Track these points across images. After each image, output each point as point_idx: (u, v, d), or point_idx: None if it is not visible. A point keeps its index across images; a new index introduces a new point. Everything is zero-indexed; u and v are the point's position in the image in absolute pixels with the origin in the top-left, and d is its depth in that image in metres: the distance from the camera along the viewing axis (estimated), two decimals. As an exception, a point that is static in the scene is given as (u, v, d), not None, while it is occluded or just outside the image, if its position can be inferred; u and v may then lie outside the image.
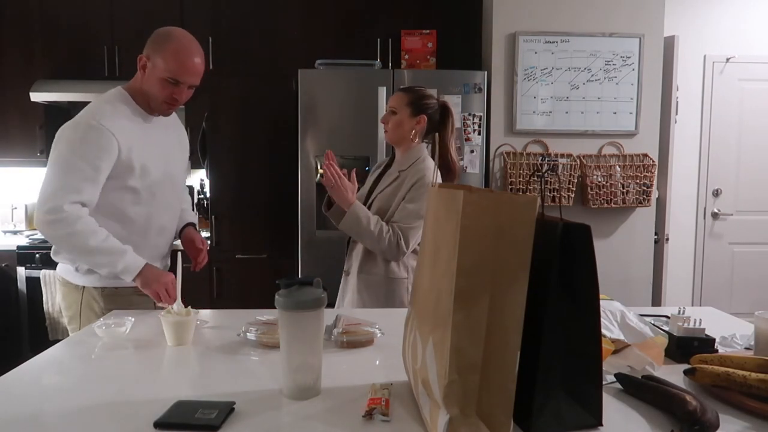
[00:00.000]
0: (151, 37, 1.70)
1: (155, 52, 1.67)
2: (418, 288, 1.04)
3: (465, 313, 0.83)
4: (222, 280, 3.33)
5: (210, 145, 3.30)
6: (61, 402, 1.05)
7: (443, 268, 0.88)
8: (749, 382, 1.03)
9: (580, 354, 0.92)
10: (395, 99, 2.03)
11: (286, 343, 1.07)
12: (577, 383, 0.93)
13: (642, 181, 3.27)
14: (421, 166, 1.98)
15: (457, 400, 0.84)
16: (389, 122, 2.03)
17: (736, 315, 1.69)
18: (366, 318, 1.47)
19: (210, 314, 1.67)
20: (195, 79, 1.72)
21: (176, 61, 1.65)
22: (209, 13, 3.49)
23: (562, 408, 0.92)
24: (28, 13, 3.45)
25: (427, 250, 1.01)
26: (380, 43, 3.45)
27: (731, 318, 1.66)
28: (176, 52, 1.65)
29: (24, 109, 3.43)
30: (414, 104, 2.00)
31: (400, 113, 2.00)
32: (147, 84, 1.71)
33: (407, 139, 2.01)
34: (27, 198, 3.74)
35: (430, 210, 1.04)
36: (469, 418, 0.84)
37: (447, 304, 0.85)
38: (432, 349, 0.89)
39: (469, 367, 0.84)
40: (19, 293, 3.18)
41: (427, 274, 0.97)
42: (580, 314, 0.92)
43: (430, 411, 0.91)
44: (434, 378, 0.87)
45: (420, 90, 2.04)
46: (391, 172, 2.05)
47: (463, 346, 0.83)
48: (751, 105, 3.89)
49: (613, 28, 3.23)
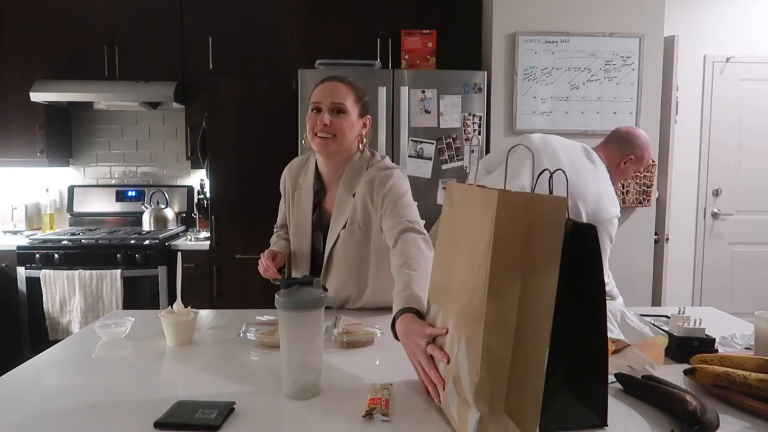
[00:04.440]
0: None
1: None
2: (447, 285, 1.03)
3: (497, 312, 0.85)
4: (222, 280, 3.33)
5: (210, 145, 3.30)
6: (61, 402, 1.05)
7: (476, 267, 0.89)
8: (749, 382, 1.03)
9: (586, 354, 0.93)
10: (340, 92, 1.54)
11: (286, 343, 1.07)
12: (582, 383, 0.93)
13: (642, 181, 3.27)
14: (371, 177, 1.57)
15: (486, 398, 0.85)
16: (334, 124, 1.53)
17: (736, 315, 1.69)
18: (366, 318, 1.47)
19: (210, 314, 1.67)
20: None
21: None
22: (209, 13, 3.49)
23: (567, 408, 0.93)
24: (28, 13, 3.45)
25: (452, 247, 1.01)
26: (380, 43, 3.45)
27: (731, 318, 1.66)
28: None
29: (24, 109, 3.43)
30: (361, 101, 1.60)
31: (349, 111, 1.55)
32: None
33: (352, 149, 1.62)
34: (27, 198, 3.74)
35: (453, 207, 1.04)
36: (498, 416, 0.85)
37: (480, 302, 0.86)
38: (465, 346, 0.90)
39: (499, 365, 0.85)
40: (19, 293, 3.18)
41: (458, 272, 0.97)
42: (586, 314, 0.92)
43: (458, 408, 0.92)
44: (465, 375, 0.89)
45: (356, 83, 1.62)
46: (342, 200, 1.61)
47: (494, 344, 0.85)
48: (751, 105, 3.89)
49: (613, 28, 3.23)
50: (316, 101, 1.56)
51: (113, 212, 3.75)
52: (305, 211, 1.69)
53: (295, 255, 1.75)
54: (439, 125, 3.13)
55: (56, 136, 3.62)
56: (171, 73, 3.48)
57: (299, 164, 1.77)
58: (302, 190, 1.71)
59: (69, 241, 3.22)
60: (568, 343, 0.91)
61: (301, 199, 1.71)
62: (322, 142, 1.55)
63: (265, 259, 1.64)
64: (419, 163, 3.12)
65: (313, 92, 1.59)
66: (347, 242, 1.61)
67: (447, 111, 3.13)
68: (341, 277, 1.65)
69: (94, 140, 3.84)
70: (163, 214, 3.61)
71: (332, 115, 1.54)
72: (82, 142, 3.83)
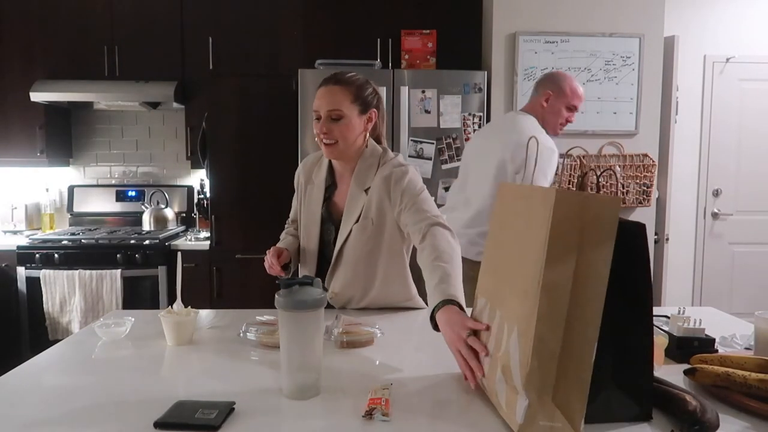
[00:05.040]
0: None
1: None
2: (500, 279, 1.06)
3: (549, 305, 0.88)
4: (222, 280, 3.33)
5: (210, 145, 3.30)
6: (61, 402, 1.05)
7: (530, 262, 0.92)
8: (749, 382, 1.03)
9: (632, 349, 0.96)
10: (335, 97, 1.55)
11: (286, 343, 1.07)
12: (628, 377, 0.96)
13: (642, 181, 3.27)
14: (386, 175, 1.60)
15: (535, 387, 0.89)
16: (333, 131, 1.55)
17: (736, 315, 1.68)
18: (366, 318, 1.47)
19: (210, 314, 1.67)
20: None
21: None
22: (209, 13, 3.50)
23: (613, 400, 0.96)
24: (28, 13, 3.45)
25: (504, 243, 1.06)
26: (380, 43, 3.45)
27: (731, 318, 1.66)
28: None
29: (24, 109, 3.43)
30: (360, 98, 1.58)
31: (347, 115, 1.56)
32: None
33: (360, 146, 1.63)
34: (27, 198, 3.74)
35: (504, 205, 1.10)
36: (546, 405, 0.89)
37: (534, 295, 0.89)
38: (516, 337, 0.93)
39: (549, 356, 0.89)
40: (19, 293, 3.18)
41: (512, 266, 1.00)
42: (633, 310, 0.96)
43: (506, 397, 0.95)
44: (516, 364, 0.92)
45: (355, 77, 1.60)
46: (354, 195, 1.63)
47: (546, 335, 0.88)
48: (751, 105, 3.89)
49: (613, 28, 3.23)
50: (315, 109, 1.59)
51: (113, 212, 3.75)
52: (315, 205, 1.71)
53: (304, 251, 1.75)
54: (439, 125, 3.13)
55: (56, 136, 3.62)
56: (171, 73, 3.48)
57: (314, 159, 1.78)
58: (314, 185, 1.72)
59: (69, 241, 3.22)
60: (616, 338, 0.95)
61: (313, 193, 1.72)
62: (327, 148, 1.59)
63: (270, 256, 1.64)
64: (419, 163, 3.12)
65: (316, 96, 1.60)
66: (359, 237, 1.62)
67: (447, 111, 3.13)
68: (349, 274, 1.65)
69: (94, 140, 3.84)
70: (163, 214, 3.61)
71: (330, 123, 1.55)
72: (82, 142, 3.83)
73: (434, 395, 1.09)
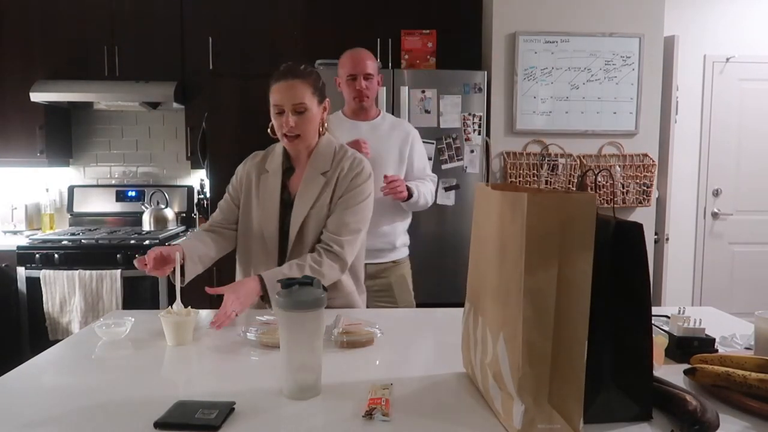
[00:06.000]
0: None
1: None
2: (480, 285, 1.07)
3: (534, 308, 0.88)
4: (222, 280, 3.32)
5: (210, 145, 3.30)
6: (61, 402, 1.05)
7: (510, 267, 0.91)
8: (749, 382, 1.03)
9: (632, 349, 0.96)
10: (297, 91, 1.58)
11: (286, 343, 1.07)
12: (628, 377, 0.96)
13: (642, 181, 3.27)
14: (350, 163, 1.66)
15: (530, 391, 0.88)
16: (299, 125, 1.60)
17: (736, 315, 1.68)
18: (366, 318, 1.47)
19: (210, 314, 1.67)
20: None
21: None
22: (209, 13, 3.49)
23: (613, 400, 0.95)
24: (28, 13, 3.45)
25: (485, 248, 1.04)
26: (380, 43, 3.45)
27: (731, 318, 1.66)
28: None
29: (24, 109, 3.43)
30: (318, 90, 1.63)
31: (309, 108, 1.61)
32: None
33: (318, 134, 1.69)
34: (27, 198, 3.74)
35: (481, 209, 1.08)
36: (543, 408, 0.89)
37: (516, 301, 0.89)
38: (504, 343, 0.93)
39: (541, 359, 0.88)
40: (19, 293, 3.18)
41: (491, 272, 1.00)
42: (631, 310, 0.96)
43: (502, 403, 0.95)
44: (507, 371, 0.92)
45: (309, 69, 1.64)
46: (310, 177, 1.66)
47: (534, 339, 0.88)
48: (751, 105, 3.89)
49: (613, 28, 3.23)
50: (277, 104, 1.60)
51: (113, 212, 3.75)
52: (273, 192, 1.69)
53: (263, 239, 1.69)
54: (439, 125, 3.13)
55: (56, 136, 3.62)
56: (171, 73, 3.48)
57: (263, 153, 1.81)
58: (269, 173, 1.73)
59: (69, 241, 3.22)
60: (615, 338, 0.95)
61: (268, 181, 1.71)
62: (292, 141, 1.64)
63: (151, 257, 1.51)
64: (419, 163, 3.11)
65: (272, 91, 1.61)
66: (317, 222, 1.64)
67: (447, 111, 3.13)
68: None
69: (94, 140, 3.84)
70: (163, 214, 3.61)
71: (295, 116, 1.60)
72: (82, 142, 3.83)
73: (434, 395, 1.09)
